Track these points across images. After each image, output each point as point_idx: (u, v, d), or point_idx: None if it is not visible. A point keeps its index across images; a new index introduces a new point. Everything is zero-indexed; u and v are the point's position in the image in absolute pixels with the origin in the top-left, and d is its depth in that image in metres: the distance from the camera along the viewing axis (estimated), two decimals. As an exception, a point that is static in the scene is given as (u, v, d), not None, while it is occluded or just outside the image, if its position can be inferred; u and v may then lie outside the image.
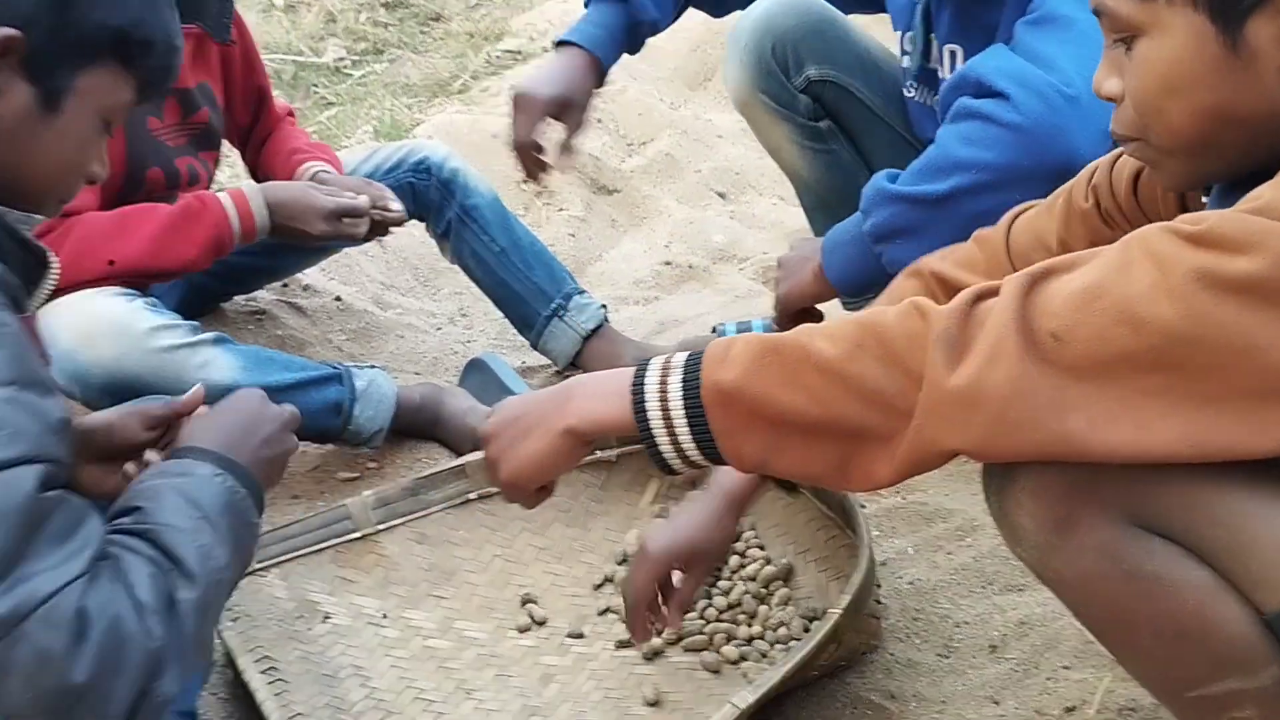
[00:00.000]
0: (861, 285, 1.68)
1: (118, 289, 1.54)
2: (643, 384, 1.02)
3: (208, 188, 1.84)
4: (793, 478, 1.04)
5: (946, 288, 1.27)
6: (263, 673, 1.35)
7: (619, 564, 1.57)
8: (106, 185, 1.66)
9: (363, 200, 1.72)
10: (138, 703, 0.85)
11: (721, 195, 2.82)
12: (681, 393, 1.00)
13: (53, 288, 1.04)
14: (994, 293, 0.93)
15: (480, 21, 4.03)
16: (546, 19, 3.81)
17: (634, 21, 1.85)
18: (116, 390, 1.46)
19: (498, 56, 3.58)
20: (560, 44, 1.85)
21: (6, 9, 0.94)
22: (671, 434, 1.01)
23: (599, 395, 1.05)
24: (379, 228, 1.77)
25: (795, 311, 1.73)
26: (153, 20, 1.04)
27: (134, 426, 1.13)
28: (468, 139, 2.69)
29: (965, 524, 1.62)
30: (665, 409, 1.01)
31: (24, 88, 0.97)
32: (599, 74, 1.83)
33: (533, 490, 1.12)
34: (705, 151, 2.95)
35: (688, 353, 1.03)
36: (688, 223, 2.64)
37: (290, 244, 1.77)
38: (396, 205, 1.80)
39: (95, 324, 1.49)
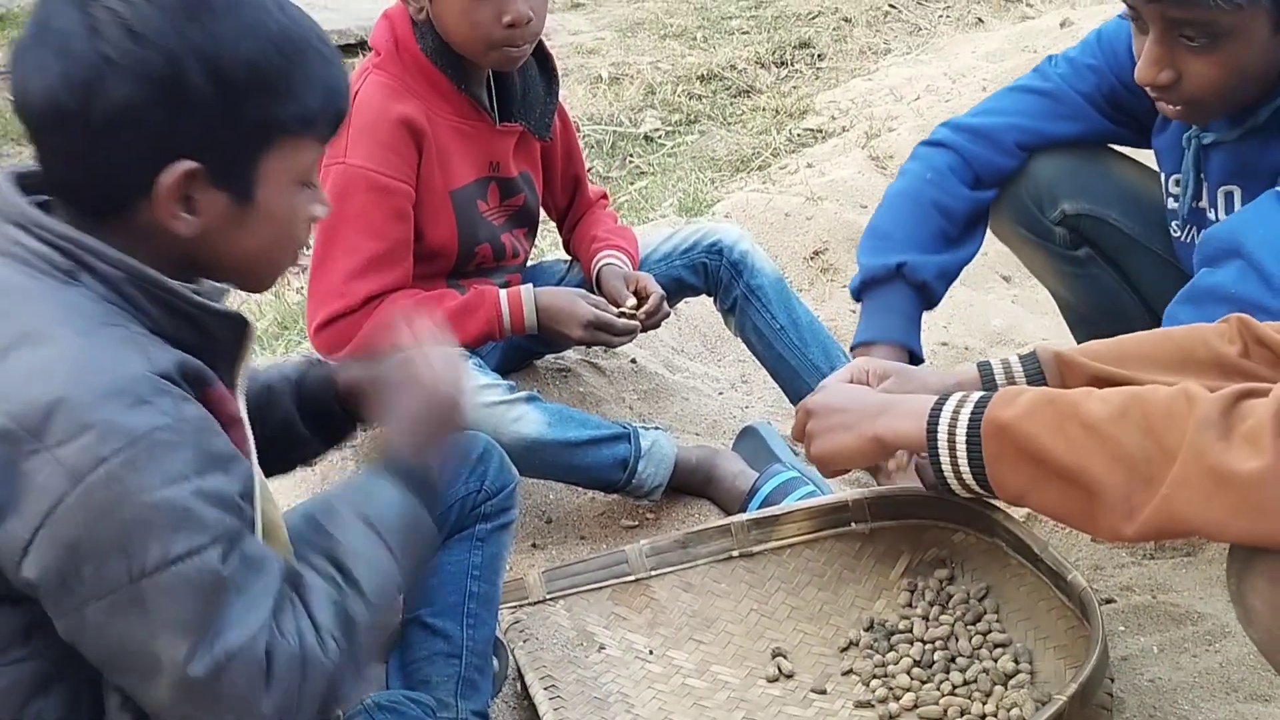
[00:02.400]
0: None
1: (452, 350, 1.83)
2: (940, 410, 1.25)
3: (525, 261, 2.13)
4: (1046, 515, 1.23)
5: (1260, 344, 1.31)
6: (545, 689, 1.57)
7: (866, 630, 1.69)
8: (444, 258, 1.97)
9: (622, 322, 1.93)
10: (322, 713, 1.02)
11: (1006, 278, 2.87)
12: (968, 422, 1.21)
13: (253, 349, 1.15)
14: (1263, 393, 1.03)
15: (788, 97, 4.23)
16: (849, 97, 3.96)
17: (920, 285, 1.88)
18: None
19: (799, 134, 3.77)
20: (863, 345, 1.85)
21: (171, 143, 1.01)
22: (953, 455, 1.24)
23: (907, 415, 1.30)
24: (650, 322, 1.99)
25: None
26: (306, 87, 1.06)
27: None
28: (761, 217, 2.88)
29: (1216, 628, 1.63)
30: (952, 433, 1.23)
31: (217, 195, 1.04)
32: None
33: (831, 470, 1.46)
34: (992, 235, 3.00)
35: (983, 393, 1.25)
36: (968, 305, 2.71)
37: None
38: (661, 314, 1.99)
39: (433, 381, 1.78)
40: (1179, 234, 1.84)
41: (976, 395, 1.24)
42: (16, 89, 1.03)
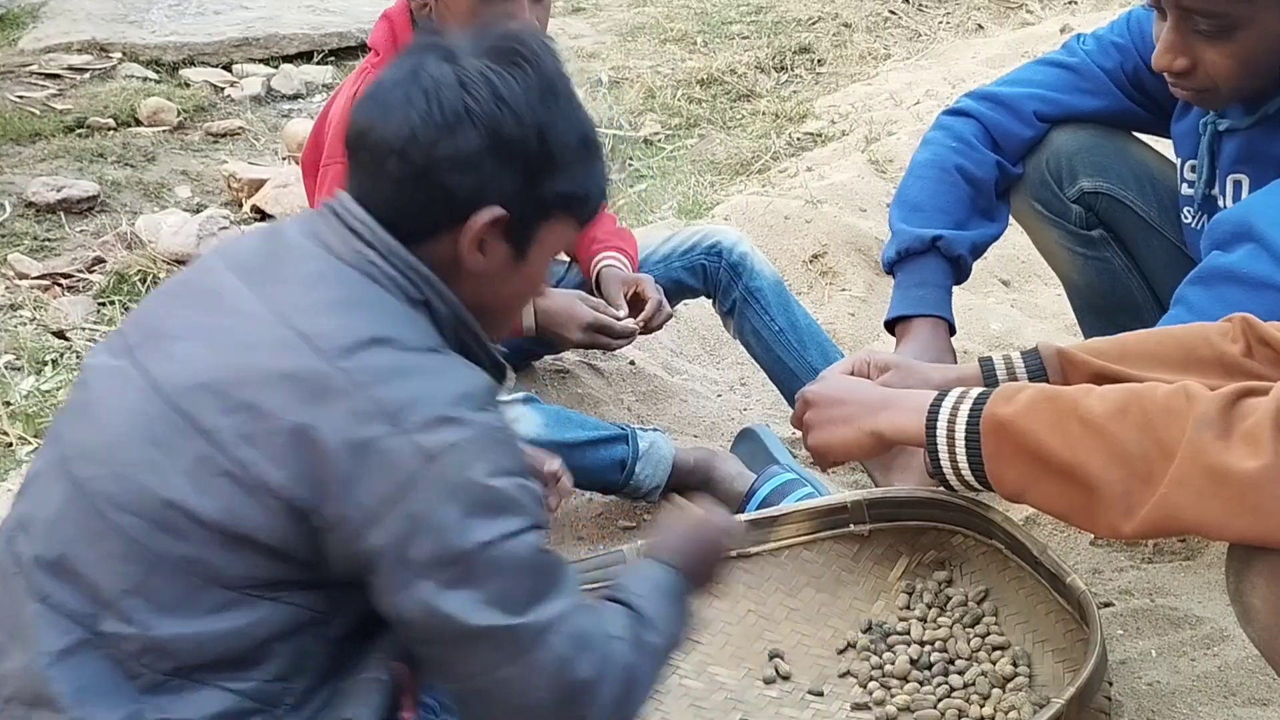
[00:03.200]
0: None
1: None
2: (939, 406, 1.25)
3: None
4: (1045, 511, 1.23)
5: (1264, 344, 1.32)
6: (540, 689, 1.57)
7: (863, 632, 1.69)
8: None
9: (620, 324, 1.93)
10: (619, 705, 1.13)
11: (1005, 283, 2.87)
12: (967, 418, 1.21)
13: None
14: (1262, 392, 1.03)
15: (787, 101, 4.23)
16: (849, 102, 3.97)
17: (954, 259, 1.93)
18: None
19: (798, 138, 3.78)
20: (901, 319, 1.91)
21: (493, 192, 1.17)
22: (952, 451, 1.23)
23: (907, 410, 1.29)
24: (649, 327, 1.99)
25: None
26: (594, 179, 1.25)
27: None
28: (761, 220, 2.88)
29: (1214, 632, 1.63)
30: (951, 429, 1.22)
31: (503, 246, 1.20)
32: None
33: (828, 462, 1.46)
34: (993, 238, 3.00)
35: (982, 389, 1.24)
36: (967, 309, 2.70)
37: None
38: (663, 316, 2.00)
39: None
40: (1190, 220, 1.86)
41: (976, 391, 1.23)
42: (371, 115, 1.17)
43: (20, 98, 4.06)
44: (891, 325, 1.94)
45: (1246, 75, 1.64)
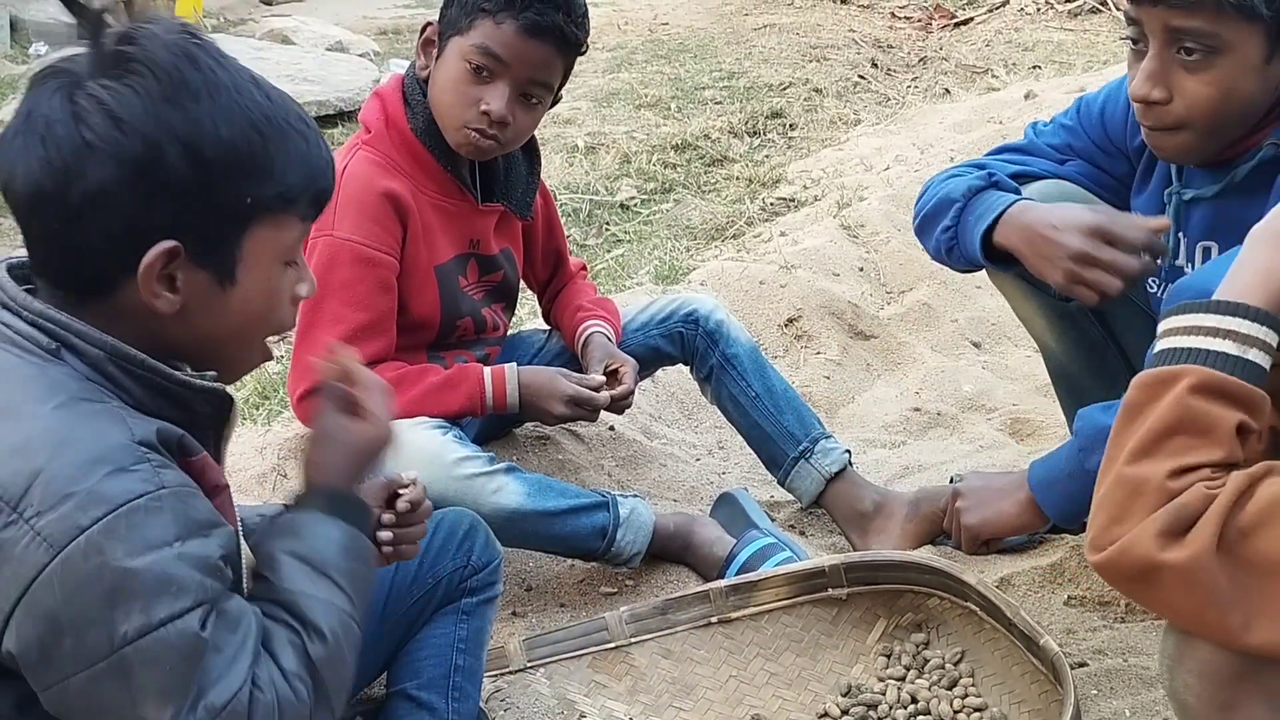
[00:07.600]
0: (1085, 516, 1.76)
1: (434, 422, 1.86)
2: None
3: (505, 333, 2.16)
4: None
5: None
6: (525, 758, 1.58)
7: (843, 695, 1.71)
8: (427, 330, 2.00)
9: (600, 397, 1.96)
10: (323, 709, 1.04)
11: (976, 345, 2.93)
12: None
13: (238, 421, 1.18)
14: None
15: (760, 166, 4.31)
16: (820, 167, 4.05)
17: None
18: (427, 507, 1.77)
19: (771, 203, 3.85)
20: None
21: (151, 224, 1.03)
22: None
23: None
24: (615, 406, 2.02)
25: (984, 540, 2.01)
26: (285, 166, 1.08)
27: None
28: (736, 285, 2.93)
29: (1186, 691, 1.66)
30: None
31: (198, 274, 1.07)
32: None
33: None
34: (963, 301, 3.07)
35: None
36: (939, 371, 2.76)
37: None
38: (628, 404, 2.03)
39: (415, 452, 1.78)
40: (1154, 289, 1.90)
41: None
42: (2, 175, 1.06)
43: None
44: (988, 241, 1.83)
45: (1222, 110, 1.64)
